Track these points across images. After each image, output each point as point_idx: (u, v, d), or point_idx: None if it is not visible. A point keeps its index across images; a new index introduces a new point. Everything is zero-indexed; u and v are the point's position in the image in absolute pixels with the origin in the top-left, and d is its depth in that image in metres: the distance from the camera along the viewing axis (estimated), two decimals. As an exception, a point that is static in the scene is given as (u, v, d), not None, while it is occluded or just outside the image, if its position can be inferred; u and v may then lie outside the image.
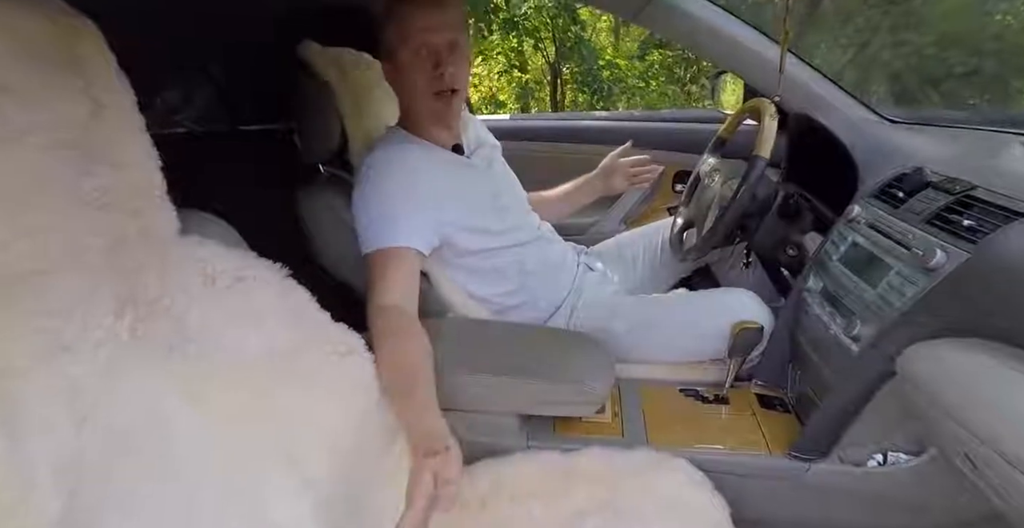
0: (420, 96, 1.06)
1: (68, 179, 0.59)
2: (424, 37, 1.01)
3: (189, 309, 0.69)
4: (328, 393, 0.81)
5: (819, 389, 0.95)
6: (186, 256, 0.72)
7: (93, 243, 0.62)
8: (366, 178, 1.05)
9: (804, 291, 1.05)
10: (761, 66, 1.36)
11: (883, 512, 0.91)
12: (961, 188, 0.85)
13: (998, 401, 0.63)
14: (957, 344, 0.71)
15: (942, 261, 0.76)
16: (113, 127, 0.64)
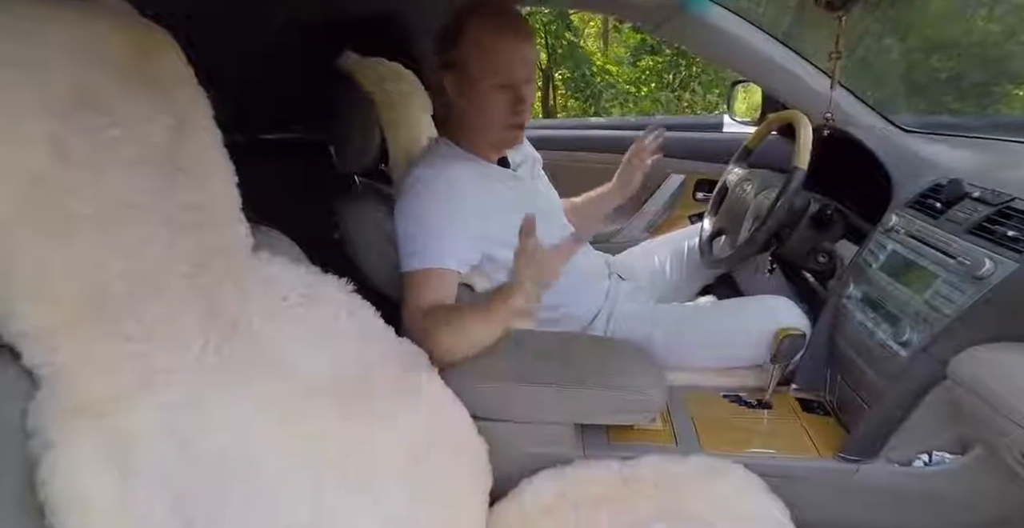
0: (491, 126, 1.07)
1: (155, 196, 0.58)
2: (511, 73, 1.01)
3: (265, 329, 0.69)
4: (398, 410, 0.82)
5: (865, 393, 0.98)
6: (259, 274, 0.72)
7: (178, 262, 0.61)
8: (412, 192, 1.04)
9: (844, 298, 1.08)
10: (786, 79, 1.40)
11: (930, 511, 0.94)
12: (1001, 200, 0.89)
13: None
14: (1011, 348, 0.75)
15: (991, 270, 0.80)
16: (195, 142, 0.63)
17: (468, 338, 0.95)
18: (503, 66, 1.01)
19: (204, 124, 0.63)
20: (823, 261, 1.24)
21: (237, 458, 0.59)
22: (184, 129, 0.60)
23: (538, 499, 0.92)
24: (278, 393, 0.67)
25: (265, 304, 0.70)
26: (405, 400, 0.84)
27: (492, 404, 0.95)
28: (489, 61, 1.01)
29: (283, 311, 0.73)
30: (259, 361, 0.67)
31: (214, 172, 0.64)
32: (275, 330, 0.70)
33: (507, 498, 0.93)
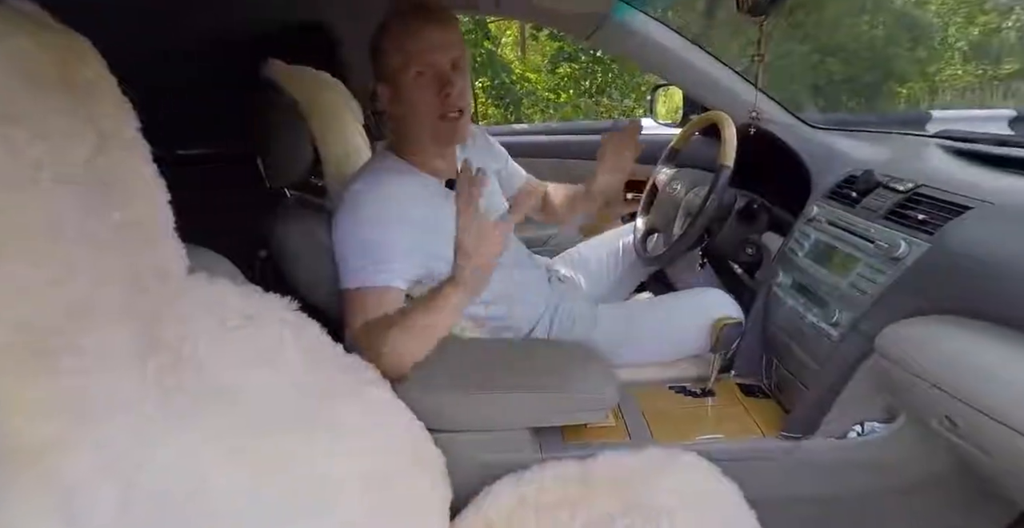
0: (424, 119, 1.02)
1: (81, 219, 0.54)
2: (428, 58, 0.98)
3: (208, 354, 0.65)
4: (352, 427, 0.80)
5: (801, 373, 1.04)
6: (199, 297, 0.68)
7: (112, 289, 0.56)
8: (352, 205, 1.01)
9: (775, 286, 1.14)
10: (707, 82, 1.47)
11: (866, 477, 1.00)
12: (910, 187, 0.96)
13: (980, 367, 0.72)
14: (931, 321, 0.81)
15: (906, 251, 0.87)
16: (121, 159, 0.59)
17: (416, 336, 0.94)
18: (419, 51, 0.98)
19: (130, 137, 0.59)
20: (751, 253, 1.31)
21: (188, 496, 0.56)
22: (109, 143, 0.56)
23: (499, 507, 0.91)
24: (226, 422, 0.63)
25: (207, 328, 0.67)
26: (358, 418, 0.81)
27: (447, 415, 0.95)
28: (403, 49, 0.99)
29: (226, 334, 0.69)
30: (204, 389, 0.63)
31: (144, 188, 0.60)
32: (219, 355, 0.66)
33: (468, 509, 0.92)
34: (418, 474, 0.87)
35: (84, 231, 0.53)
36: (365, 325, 0.95)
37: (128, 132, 0.58)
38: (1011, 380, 0.69)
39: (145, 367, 0.56)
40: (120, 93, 0.58)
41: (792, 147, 1.27)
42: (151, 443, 0.53)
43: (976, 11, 9.25)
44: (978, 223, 0.82)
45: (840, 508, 1.03)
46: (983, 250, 0.78)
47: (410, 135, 1.08)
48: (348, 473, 0.75)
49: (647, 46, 1.45)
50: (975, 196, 0.86)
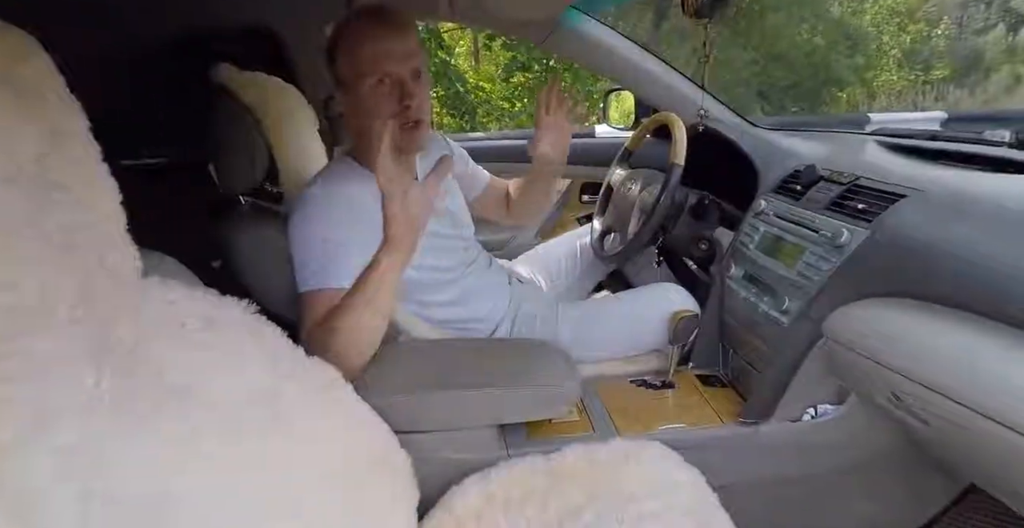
0: None
1: (31, 218, 0.52)
2: (388, 67, 0.97)
3: (166, 358, 0.64)
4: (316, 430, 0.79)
5: (755, 361, 1.08)
6: (155, 300, 0.67)
7: (63, 292, 0.55)
8: (308, 208, 1.01)
9: (728, 278, 1.18)
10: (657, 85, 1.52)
11: (822, 457, 1.04)
12: (849, 179, 1.01)
13: (919, 343, 0.76)
14: (873, 303, 0.85)
15: (848, 239, 0.91)
16: (72, 158, 0.58)
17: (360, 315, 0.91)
18: (378, 60, 0.97)
19: (80, 136, 0.58)
20: (704, 248, 1.35)
21: (148, 502, 0.54)
22: (58, 141, 0.55)
23: (468, 505, 0.91)
24: (185, 427, 0.61)
25: (163, 331, 0.65)
26: (321, 420, 0.80)
27: (411, 416, 0.94)
28: (361, 57, 0.97)
29: (183, 338, 0.67)
30: (163, 393, 0.61)
31: (94, 188, 0.59)
32: (177, 358, 0.65)
33: (436, 508, 0.92)
34: (384, 475, 0.87)
35: (34, 231, 0.51)
36: (315, 324, 0.94)
37: (78, 131, 0.57)
38: (946, 353, 0.73)
39: (99, 370, 0.55)
40: (68, 92, 0.57)
41: (739, 145, 1.32)
42: (108, 448, 0.52)
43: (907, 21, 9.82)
44: (911, 210, 0.87)
45: (798, 489, 1.07)
46: (916, 234, 0.83)
47: (367, 141, 1.06)
48: (313, 476, 0.74)
49: (599, 51, 1.49)
50: (908, 185, 0.91)
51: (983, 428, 0.69)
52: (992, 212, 0.79)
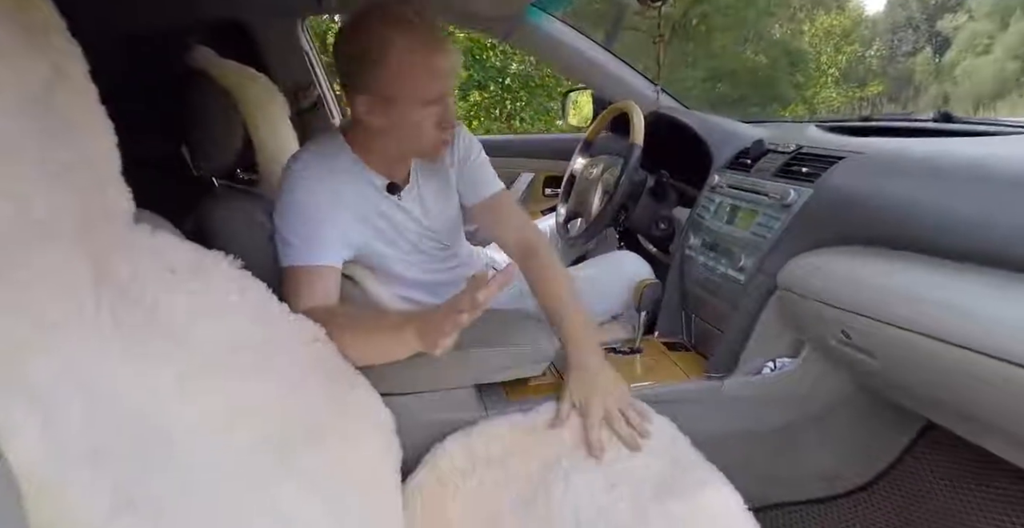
0: (418, 145, 1.00)
1: (35, 149, 0.54)
2: (439, 87, 0.94)
3: (158, 300, 0.66)
4: (300, 382, 0.82)
5: (717, 321, 1.15)
6: (145, 245, 0.69)
7: (70, 213, 0.57)
8: (291, 182, 1.01)
9: (687, 248, 1.26)
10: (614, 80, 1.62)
11: (783, 409, 1.11)
12: (793, 148, 1.10)
13: (863, 280, 0.84)
14: (820, 252, 0.94)
15: (795, 198, 1.00)
16: (73, 96, 0.60)
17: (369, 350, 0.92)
18: (432, 82, 0.94)
19: (82, 76, 0.60)
20: (664, 227, 1.43)
21: (146, 415, 0.56)
22: (62, 78, 0.57)
23: (451, 461, 0.94)
24: (176, 362, 0.64)
25: (153, 275, 0.67)
26: (305, 373, 0.83)
27: (392, 377, 0.97)
28: (414, 78, 0.93)
29: (172, 283, 0.70)
30: (153, 329, 0.63)
31: (94, 127, 0.62)
32: (166, 301, 0.67)
33: (420, 467, 0.94)
34: (369, 431, 0.89)
35: (42, 157, 0.54)
36: (311, 310, 0.93)
37: (80, 71, 0.60)
38: (888, 287, 0.81)
39: (97, 297, 0.57)
40: (69, 34, 0.60)
41: (693, 128, 1.41)
42: (109, 359, 0.54)
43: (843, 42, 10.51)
44: (849, 169, 0.96)
45: (763, 442, 1.13)
46: (855, 189, 0.92)
47: (378, 144, 1.03)
48: (297, 425, 0.76)
49: (561, 47, 1.58)
50: (846, 150, 1.01)
51: (926, 349, 0.76)
52: (921, 166, 0.88)
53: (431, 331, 0.80)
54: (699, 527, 0.75)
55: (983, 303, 0.69)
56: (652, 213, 1.42)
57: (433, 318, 0.81)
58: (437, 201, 1.15)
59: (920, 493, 1.14)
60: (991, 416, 0.77)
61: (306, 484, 0.71)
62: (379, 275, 1.14)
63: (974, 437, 0.89)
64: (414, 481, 0.92)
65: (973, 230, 0.74)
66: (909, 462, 1.16)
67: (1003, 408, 0.72)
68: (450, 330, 0.78)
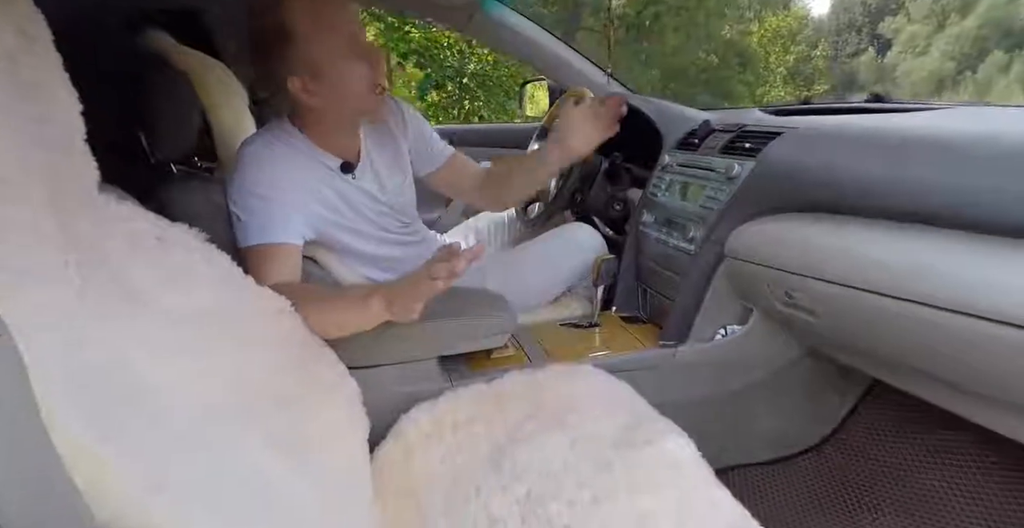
0: (357, 97, 1.01)
1: (7, 107, 0.55)
2: (355, 32, 0.98)
3: (124, 264, 0.67)
4: (268, 351, 0.83)
5: (670, 292, 1.20)
6: (111, 213, 0.70)
7: (40, 173, 0.57)
8: (244, 164, 1.02)
9: (640, 225, 1.31)
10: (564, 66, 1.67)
11: (735, 375, 1.17)
12: (738, 126, 1.17)
13: (803, 241, 0.90)
14: (764, 219, 1.00)
15: (739, 171, 1.06)
16: (39, 60, 0.60)
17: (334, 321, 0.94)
18: (342, 28, 0.97)
19: (47, 41, 0.61)
20: (619, 208, 1.48)
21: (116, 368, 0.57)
22: (27, 41, 0.58)
23: (417, 429, 0.96)
24: (144, 323, 0.65)
25: (121, 240, 0.68)
26: (274, 342, 0.85)
27: (359, 351, 0.99)
28: (328, 30, 0.96)
29: (137, 250, 0.71)
30: (121, 291, 0.64)
31: (59, 92, 0.62)
32: (132, 266, 0.68)
33: (387, 437, 0.96)
34: (337, 401, 0.91)
35: (10, 119, 0.55)
36: (275, 286, 0.94)
37: (45, 37, 0.61)
38: (825, 245, 0.87)
39: (66, 256, 0.58)
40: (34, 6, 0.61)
41: (644, 111, 1.47)
42: (80, 311, 0.55)
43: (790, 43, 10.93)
44: (787, 142, 1.03)
45: (716, 407, 1.19)
46: (792, 160, 0.99)
47: (323, 120, 1.05)
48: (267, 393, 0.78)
49: (517, 37, 1.62)
50: (785, 127, 1.07)
51: (864, 303, 0.82)
52: (852, 137, 0.95)
53: (399, 299, 0.83)
54: (658, 471, 0.79)
55: (914, 257, 0.76)
56: (607, 194, 1.47)
57: (401, 286, 0.84)
58: (392, 176, 1.17)
59: (866, 451, 1.21)
60: (927, 365, 0.83)
61: (277, 445, 0.72)
62: (341, 255, 1.15)
63: (915, 389, 0.96)
64: (382, 451, 0.94)
65: (902, 191, 0.80)
66: (856, 421, 1.24)
67: (935, 354, 0.78)
68: (422, 296, 0.81)
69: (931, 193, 0.76)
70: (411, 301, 0.82)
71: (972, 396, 0.80)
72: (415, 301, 0.82)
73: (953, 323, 0.70)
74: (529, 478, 0.85)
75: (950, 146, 0.78)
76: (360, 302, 0.89)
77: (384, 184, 1.15)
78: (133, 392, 0.57)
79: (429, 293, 0.81)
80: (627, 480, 0.79)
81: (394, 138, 1.19)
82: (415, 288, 0.82)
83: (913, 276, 0.74)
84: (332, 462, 0.84)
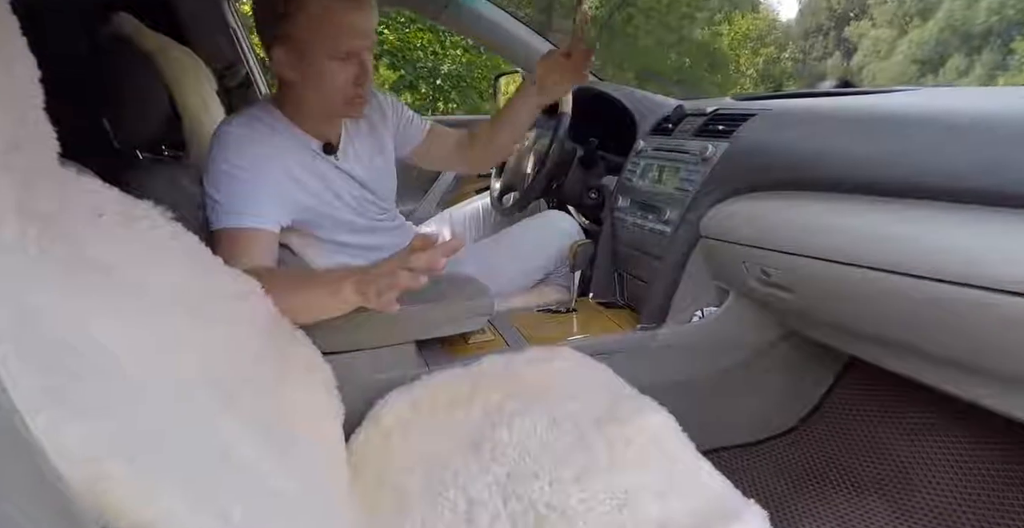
0: (330, 100, 1.01)
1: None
2: (352, 43, 0.96)
3: (86, 238, 0.65)
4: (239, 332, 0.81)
5: (647, 275, 1.20)
6: (73, 184, 0.68)
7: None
8: (223, 144, 0.99)
9: (616, 211, 1.31)
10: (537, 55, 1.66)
11: (714, 357, 1.17)
12: (711, 110, 1.18)
13: (777, 218, 0.91)
14: (738, 199, 1.00)
15: (713, 152, 1.06)
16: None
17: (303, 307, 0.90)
18: (343, 34, 0.95)
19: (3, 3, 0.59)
20: (594, 197, 1.48)
21: (82, 337, 0.54)
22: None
23: (395, 415, 0.95)
24: (109, 297, 0.62)
25: (82, 214, 0.66)
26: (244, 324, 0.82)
27: (334, 336, 0.97)
28: (327, 31, 0.94)
29: (101, 225, 0.68)
30: (82, 264, 0.62)
31: (16, 54, 0.60)
32: (95, 241, 0.65)
33: (364, 423, 0.95)
34: (312, 385, 0.89)
35: None
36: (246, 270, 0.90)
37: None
38: (798, 221, 0.88)
39: (22, 226, 0.55)
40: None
41: (618, 99, 1.47)
42: (38, 280, 0.52)
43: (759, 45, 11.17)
44: (760, 123, 1.04)
45: (696, 390, 1.19)
46: (764, 140, 1.00)
47: (303, 102, 1.04)
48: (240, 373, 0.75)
49: (491, 27, 1.62)
50: (757, 109, 1.08)
51: (838, 275, 0.82)
52: (821, 116, 0.97)
53: (373, 287, 0.81)
54: (638, 445, 0.79)
55: (887, 227, 0.77)
56: (583, 182, 1.47)
57: (377, 273, 0.82)
58: (372, 161, 1.16)
59: (845, 430, 1.22)
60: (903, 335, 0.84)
61: (254, 427, 0.70)
62: (318, 243, 1.13)
63: (892, 364, 0.96)
64: (359, 437, 0.93)
65: (872, 167, 0.81)
66: (833, 401, 1.25)
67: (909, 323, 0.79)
68: (398, 287, 0.77)
69: (898, 165, 0.78)
70: (386, 289, 0.80)
71: (946, 366, 0.81)
72: (390, 290, 0.79)
73: (923, 289, 0.71)
74: (509, 459, 0.84)
75: (915, 120, 0.80)
76: (332, 288, 0.86)
77: (365, 167, 1.15)
78: (97, 366, 0.55)
79: (405, 285, 0.77)
80: (608, 457, 0.78)
81: (374, 127, 1.18)
82: (391, 277, 0.78)
83: (886, 245, 0.75)
84: (310, 446, 0.82)
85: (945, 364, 0.81)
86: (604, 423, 0.84)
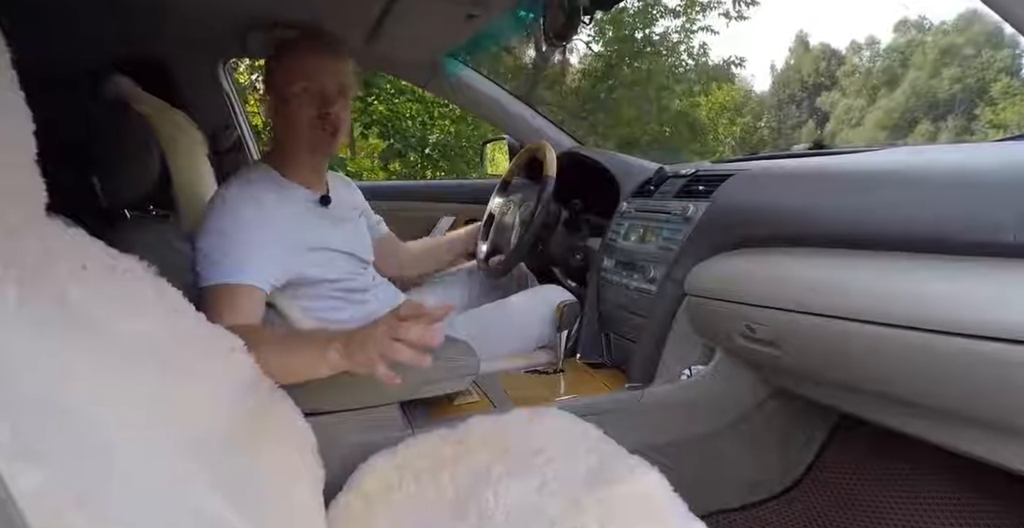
0: (300, 130, 1.07)
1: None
2: (317, 78, 1.05)
3: (68, 289, 0.64)
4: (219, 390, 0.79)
5: (634, 334, 1.20)
6: (59, 237, 0.68)
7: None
8: (222, 207, 1.02)
9: (601, 271, 1.33)
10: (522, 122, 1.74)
11: (701, 416, 1.15)
12: (691, 171, 1.22)
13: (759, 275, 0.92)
14: (721, 257, 1.03)
15: (695, 212, 1.09)
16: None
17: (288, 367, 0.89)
18: (304, 69, 1.04)
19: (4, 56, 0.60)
20: (580, 258, 1.50)
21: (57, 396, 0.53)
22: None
23: (376, 478, 0.91)
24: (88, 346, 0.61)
25: (65, 265, 0.65)
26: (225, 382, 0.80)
27: (316, 395, 0.95)
28: (292, 67, 1.05)
29: (85, 276, 0.67)
30: (63, 316, 0.61)
31: (12, 107, 0.61)
32: (78, 293, 0.65)
33: (345, 489, 0.91)
34: (289, 446, 0.86)
35: None
36: (231, 327, 0.90)
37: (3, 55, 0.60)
38: (780, 276, 0.90)
39: (3, 279, 0.55)
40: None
41: (601, 163, 1.52)
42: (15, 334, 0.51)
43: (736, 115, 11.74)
44: (738, 183, 1.07)
45: (685, 451, 1.16)
46: (743, 199, 1.03)
47: (286, 145, 1.12)
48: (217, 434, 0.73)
49: (478, 95, 1.70)
50: (735, 169, 1.12)
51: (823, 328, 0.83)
52: (796, 175, 1.00)
53: (360, 353, 0.80)
54: (631, 508, 0.76)
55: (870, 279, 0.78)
56: (568, 244, 1.49)
57: (363, 339, 0.81)
58: (356, 218, 1.25)
59: (839, 491, 1.19)
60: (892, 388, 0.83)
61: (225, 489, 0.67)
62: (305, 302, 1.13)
63: (883, 418, 0.95)
64: (340, 502, 0.89)
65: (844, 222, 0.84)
66: (825, 461, 1.23)
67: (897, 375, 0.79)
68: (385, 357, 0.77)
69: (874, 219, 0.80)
70: (378, 359, 0.78)
71: (936, 417, 0.81)
72: (381, 360, 0.78)
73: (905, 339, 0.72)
74: (496, 524, 0.81)
75: (890, 177, 0.83)
76: (318, 350, 0.85)
77: (352, 220, 1.22)
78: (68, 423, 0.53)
79: (394, 357, 0.77)
80: (600, 518, 0.75)
81: (351, 193, 1.30)
82: (384, 346, 0.77)
83: (870, 298, 0.76)
84: (284, 511, 0.78)
85: (935, 415, 0.81)
86: (594, 486, 0.81)
